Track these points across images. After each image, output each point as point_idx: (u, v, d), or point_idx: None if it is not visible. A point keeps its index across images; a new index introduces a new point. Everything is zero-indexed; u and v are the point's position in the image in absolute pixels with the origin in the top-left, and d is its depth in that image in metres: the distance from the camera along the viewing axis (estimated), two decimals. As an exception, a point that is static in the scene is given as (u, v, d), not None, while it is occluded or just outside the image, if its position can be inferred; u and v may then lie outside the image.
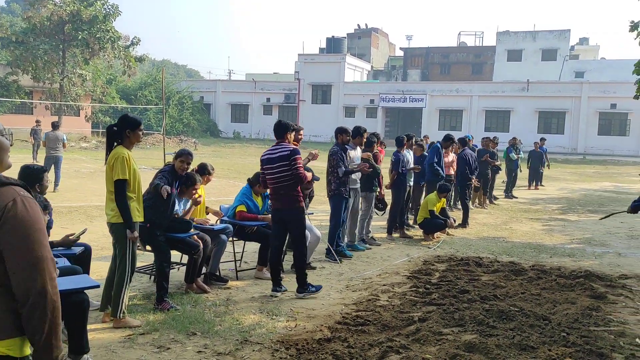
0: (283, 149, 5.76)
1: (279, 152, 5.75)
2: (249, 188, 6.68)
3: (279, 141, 5.86)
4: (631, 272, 7.26)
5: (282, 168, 5.70)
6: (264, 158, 5.85)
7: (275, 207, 5.87)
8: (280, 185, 5.74)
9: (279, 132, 5.86)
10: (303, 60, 47.28)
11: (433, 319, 5.02)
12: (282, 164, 5.70)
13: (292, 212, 5.76)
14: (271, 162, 5.78)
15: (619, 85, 36.42)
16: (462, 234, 9.86)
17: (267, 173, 5.82)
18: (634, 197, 11.99)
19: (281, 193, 5.75)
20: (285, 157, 5.69)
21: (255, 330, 4.65)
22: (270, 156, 5.80)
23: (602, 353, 4.29)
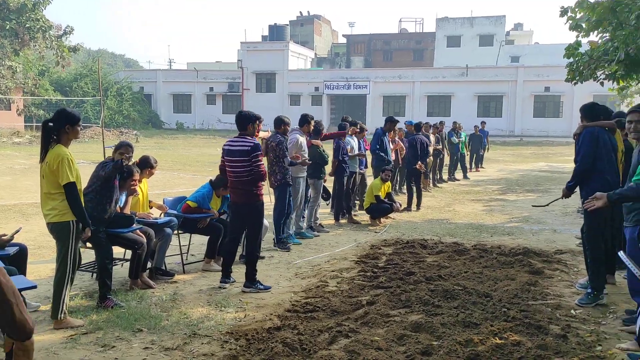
0: (244, 143, 5.57)
1: (240, 146, 5.56)
2: (211, 190, 6.56)
3: (241, 133, 5.67)
4: (566, 247, 7.63)
5: (241, 163, 5.54)
6: (225, 148, 5.68)
7: (233, 200, 5.74)
8: (239, 180, 5.60)
9: (241, 124, 5.65)
10: (246, 49, 46.70)
11: (381, 302, 5.12)
12: (242, 159, 5.53)
13: (250, 206, 5.62)
14: (231, 154, 5.61)
15: (552, 69, 37.95)
16: (408, 218, 10.07)
17: (227, 165, 5.67)
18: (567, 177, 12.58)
19: (239, 188, 5.61)
20: (245, 153, 5.52)
21: (203, 323, 4.60)
22: (231, 148, 5.62)
23: (540, 325, 4.51)
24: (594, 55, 7.46)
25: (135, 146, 5.66)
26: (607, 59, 5.99)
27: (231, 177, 5.67)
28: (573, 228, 9.05)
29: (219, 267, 6.35)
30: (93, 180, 5.10)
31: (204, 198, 6.47)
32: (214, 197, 6.58)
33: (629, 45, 5.23)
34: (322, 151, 8.47)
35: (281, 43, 46.76)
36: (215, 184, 6.54)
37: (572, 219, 10.02)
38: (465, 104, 40.32)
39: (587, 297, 5.18)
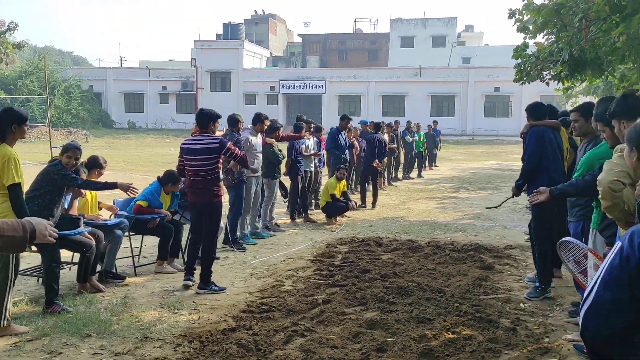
0: (208, 140, 5.47)
1: (203, 144, 5.44)
2: (159, 186, 6.40)
3: (202, 131, 5.56)
4: (515, 242, 7.85)
5: (204, 161, 5.44)
6: (185, 147, 5.53)
7: (192, 200, 5.64)
8: (200, 179, 5.48)
9: (203, 122, 5.54)
10: (200, 47, 46.02)
11: (336, 300, 5.13)
12: (206, 157, 5.43)
13: (209, 206, 5.53)
14: (192, 153, 5.47)
15: (502, 70, 39.00)
16: (363, 216, 10.15)
17: (187, 164, 5.53)
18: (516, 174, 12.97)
19: (200, 187, 5.50)
20: (209, 151, 5.43)
21: (156, 327, 4.49)
22: (192, 146, 5.48)
23: (491, 319, 4.62)
24: (540, 56, 7.70)
25: (85, 146, 5.50)
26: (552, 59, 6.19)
27: (191, 177, 5.54)
28: (522, 224, 9.32)
29: (172, 269, 6.25)
30: (41, 183, 4.91)
31: (153, 194, 6.31)
32: (162, 194, 6.41)
33: (573, 47, 5.43)
34: (275, 150, 8.43)
35: (236, 42, 46.33)
36: (163, 180, 6.39)
37: (521, 215, 10.32)
38: (419, 103, 41.00)
39: (535, 290, 5.34)
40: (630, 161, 2.38)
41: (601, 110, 3.53)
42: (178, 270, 6.26)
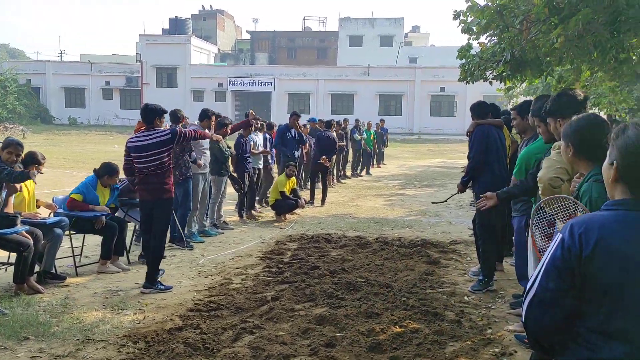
0: (157, 134, 5.36)
1: (153, 139, 5.33)
2: (95, 179, 6.16)
3: (148, 127, 5.45)
4: (460, 238, 8.06)
5: (156, 156, 5.33)
6: (133, 145, 5.40)
7: (143, 197, 5.50)
8: (152, 174, 5.36)
9: (148, 118, 5.44)
10: (145, 42, 44.80)
11: (285, 297, 5.12)
12: (157, 150, 5.33)
13: (161, 203, 5.42)
14: (142, 149, 5.34)
15: (447, 70, 39.97)
16: (313, 213, 10.17)
17: (137, 162, 5.37)
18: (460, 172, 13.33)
19: (152, 182, 5.37)
20: (163, 143, 5.34)
21: (98, 328, 4.34)
22: (141, 143, 5.35)
23: (437, 312, 4.73)
24: (484, 56, 7.93)
25: (22, 143, 5.23)
26: (495, 59, 6.39)
27: (142, 173, 5.39)
28: (466, 220, 9.58)
29: (116, 268, 6.06)
30: None
31: (87, 187, 6.06)
32: (99, 187, 6.16)
33: (514, 47, 5.63)
34: (222, 147, 8.31)
35: (183, 37, 45.38)
36: (99, 172, 6.15)
37: (465, 211, 10.61)
38: (368, 102, 41.47)
39: (478, 283, 5.50)
40: (566, 157, 2.47)
41: (537, 107, 3.67)
42: (122, 269, 6.08)
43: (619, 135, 1.63)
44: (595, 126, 2.39)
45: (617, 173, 1.61)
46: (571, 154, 2.40)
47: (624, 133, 1.61)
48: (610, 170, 1.63)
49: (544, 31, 5.07)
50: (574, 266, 1.53)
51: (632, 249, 1.49)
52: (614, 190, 1.66)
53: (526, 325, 1.65)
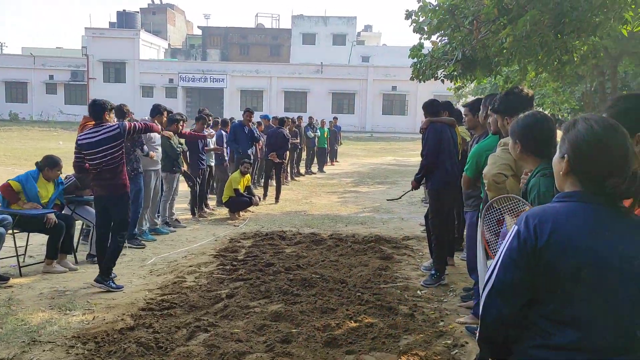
0: (107, 129, 5.29)
1: (102, 134, 5.27)
2: (37, 172, 5.90)
3: (97, 123, 5.38)
4: (412, 233, 8.21)
5: (108, 151, 5.26)
6: (83, 142, 5.29)
7: (98, 193, 5.42)
8: (106, 170, 5.29)
9: (97, 113, 5.37)
10: (91, 35, 43.38)
11: (240, 294, 5.07)
12: (108, 146, 5.25)
13: (117, 198, 5.35)
14: (93, 146, 5.26)
15: (399, 69, 40.64)
16: (267, 210, 10.12)
17: (89, 158, 5.29)
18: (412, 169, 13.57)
19: (107, 177, 5.30)
20: (114, 138, 5.28)
21: (45, 329, 4.18)
22: (91, 140, 5.26)
23: (391, 307, 4.80)
24: (435, 55, 8.09)
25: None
26: (447, 58, 6.53)
27: (96, 169, 5.31)
28: (418, 216, 9.76)
29: (63, 268, 5.85)
30: None
31: (28, 178, 5.78)
32: (42, 180, 5.89)
33: (465, 47, 5.77)
34: (173, 143, 8.15)
35: (131, 31, 44.23)
36: (41, 164, 5.89)
37: (417, 208, 10.81)
38: (321, 100, 41.61)
39: (430, 278, 5.62)
40: (515, 153, 2.55)
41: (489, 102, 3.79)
42: (69, 269, 5.87)
43: (569, 129, 1.68)
44: (541, 123, 2.48)
45: (568, 166, 1.65)
46: (519, 150, 2.48)
47: (574, 127, 1.66)
48: (562, 164, 1.68)
49: (493, 31, 5.22)
50: (530, 257, 1.57)
51: (584, 240, 1.55)
52: (564, 183, 1.70)
53: (484, 317, 1.67)
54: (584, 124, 1.65)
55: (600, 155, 1.59)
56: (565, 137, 1.68)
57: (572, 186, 1.67)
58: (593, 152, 1.60)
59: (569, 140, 1.66)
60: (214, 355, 3.73)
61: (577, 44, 6.13)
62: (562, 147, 1.69)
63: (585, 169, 1.63)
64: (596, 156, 1.59)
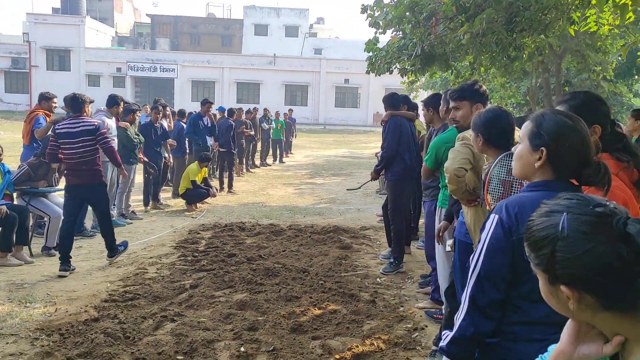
0: (85, 123, 5.65)
1: (82, 126, 5.62)
2: None
3: (77, 115, 5.72)
4: (369, 224, 8.41)
5: (85, 143, 5.59)
6: (62, 132, 5.58)
7: (74, 182, 5.64)
8: (83, 160, 5.59)
9: (77, 106, 5.74)
10: (33, 21, 41.58)
11: (204, 284, 5.11)
12: (86, 138, 5.59)
13: (96, 186, 5.72)
14: (71, 136, 5.58)
15: (351, 62, 41.05)
16: (224, 202, 10.11)
17: (65, 147, 5.58)
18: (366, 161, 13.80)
19: (83, 168, 5.61)
20: (89, 132, 5.63)
21: (6, 322, 4.10)
22: (70, 130, 5.59)
23: (353, 294, 4.95)
24: (390, 50, 8.29)
25: None
26: (407, 53, 6.73)
27: (72, 160, 5.59)
28: (373, 207, 10.00)
29: (18, 261, 5.71)
30: None
31: None
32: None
33: (424, 42, 5.98)
34: (130, 134, 8.03)
35: (76, 17, 42.69)
36: None
37: (372, 199, 11.05)
38: (274, 91, 41.50)
39: (390, 266, 5.82)
40: (477, 145, 2.72)
41: None
42: (25, 261, 5.73)
43: (542, 122, 1.76)
44: (501, 117, 2.67)
45: (547, 157, 1.72)
46: (481, 143, 2.66)
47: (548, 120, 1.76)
48: (534, 155, 1.75)
49: (451, 28, 5.44)
50: (515, 243, 1.65)
51: None
52: (533, 174, 1.77)
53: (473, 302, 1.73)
54: (558, 117, 1.76)
55: (577, 145, 1.69)
56: (540, 131, 1.75)
57: (542, 176, 1.76)
58: (573, 142, 1.69)
59: (549, 133, 1.72)
60: (183, 344, 3.77)
61: (526, 41, 6.44)
62: (535, 140, 1.76)
63: (563, 159, 1.71)
64: (574, 146, 1.69)
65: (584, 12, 5.45)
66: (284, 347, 3.79)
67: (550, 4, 4.80)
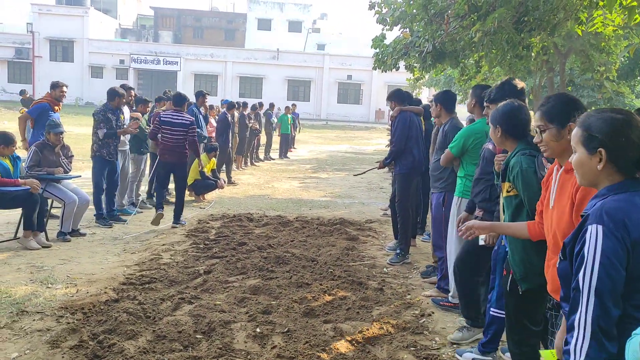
0: (184, 118, 7.18)
1: (180, 120, 7.14)
2: None
3: (178, 109, 7.26)
4: (374, 217, 8.58)
5: (180, 132, 7.11)
6: (166, 120, 7.11)
7: (168, 160, 7.21)
8: (177, 144, 7.14)
9: (179, 102, 7.30)
10: (37, 11, 41.63)
11: (218, 270, 5.28)
12: (181, 129, 7.12)
13: (182, 163, 7.37)
14: (172, 125, 7.09)
15: (354, 58, 41.20)
16: (231, 194, 10.27)
17: (166, 132, 7.10)
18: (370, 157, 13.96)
19: (177, 151, 7.17)
20: (185, 125, 7.15)
21: (31, 301, 4.27)
22: (172, 120, 7.12)
23: (361, 282, 5.12)
24: (397, 47, 8.44)
25: None
26: (417, 50, 6.88)
27: (170, 142, 7.11)
28: (377, 201, 10.17)
29: (37, 245, 5.87)
30: None
31: None
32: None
33: (436, 39, 6.13)
34: (141, 125, 8.18)
35: (80, 8, 42.74)
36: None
37: (377, 193, 11.22)
38: (277, 86, 41.60)
39: (396, 257, 5.99)
40: (495, 137, 2.90)
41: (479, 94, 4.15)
42: (43, 246, 5.89)
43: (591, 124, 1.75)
44: (519, 110, 2.84)
45: (607, 158, 1.71)
46: (499, 134, 2.83)
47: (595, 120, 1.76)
48: (593, 159, 1.73)
49: (463, 26, 5.58)
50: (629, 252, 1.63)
51: None
52: (597, 178, 1.76)
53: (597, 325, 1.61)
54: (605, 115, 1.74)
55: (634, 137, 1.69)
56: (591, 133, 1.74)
57: (609, 177, 1.73)
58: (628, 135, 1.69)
59: (602, 132, 1.71)
60: (201, 324, 3.94)
61: (533, 41, 6.60)
62: (590, 144, 1.73)
63: (624, 154, 1.69)
64: (631, 139, 1.69)
65: (592, 13, 5.60)
66: (297, 329, 3.96)
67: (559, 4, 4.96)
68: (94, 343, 3.52)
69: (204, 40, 50.02)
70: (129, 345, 3.53)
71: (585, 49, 9.41)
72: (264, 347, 3.68)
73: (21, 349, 3.47)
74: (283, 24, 48.72)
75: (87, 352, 3.41)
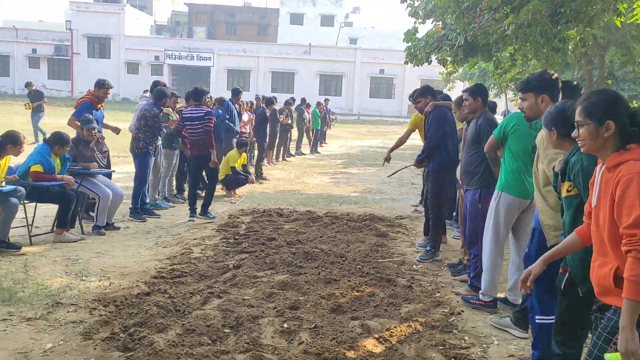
0: (204, 111, 7.39)
1: (201, 113, 7.34)
2: (47, 148, 6.03)
3: (197, 103, 7.54)
4: (404, 213, 8.50)
5: (200, 124, 7.30)
6: (187, 116, 7.44)
7: (194, 153, 7.47)
8: (200, 137, 7.33)
9: (198, 96, 7.62)
10: (76, 9, 42.71)
11: (247, 265, 5.32)
12: (200, 122, 7.29)
13: (207, 156, 7.35)
14: (193, 119, 7.34)
15: (387, 52, 40.87)
16: (261, 189, 10.34)
17: (189, 127, 7.40)
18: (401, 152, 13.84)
19: (200, 143, 7.34)
20: (200, 117, 7.32)
21: (65, 293, 4.39)
22: (192, 115, 7.39)
23: (390, 279, 5.08)
24: (430, 40, 8.32)
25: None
26: (449, 43, 6.77)
27: (193, 136, 7.39)
28: (408, 197, 10.08)
29: (74, 236, 6.02)
30: None
31: (44, 156, 5.90)
32: (52, 156, 6.03)
33: (468, 32, 6.01)
34: (172, 120, 8.30)
35: (117, 6, 43.61)
36: (51, 141, 6.01)
37: (408, 189, 11.12)
38: (308, 81, 41.65)
39: (426, 254, 5.92)
40: (551, 140, 2.86)
41: None
42: (76, 239, 6.04)
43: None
44: (571, 110, 2.76)
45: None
46: (555, 137, 2.79)
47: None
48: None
49: (496, 19, 5.46)
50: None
51: None
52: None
53: None
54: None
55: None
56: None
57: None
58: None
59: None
60: (229, 318, 3.97)
61: (570, 33, 6.41)
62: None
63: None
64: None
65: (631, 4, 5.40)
66: (324, 325, 3.96)
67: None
68: (125, 335, 3.59)
69: (237, 35, 50.44)
70: (159, 338, 3.59)
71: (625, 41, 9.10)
72: (291, 342, 3.69)
73: (55, 340, 3.56)
74: (315, 19, 48.67)
75: (118, 344, 3.49)
